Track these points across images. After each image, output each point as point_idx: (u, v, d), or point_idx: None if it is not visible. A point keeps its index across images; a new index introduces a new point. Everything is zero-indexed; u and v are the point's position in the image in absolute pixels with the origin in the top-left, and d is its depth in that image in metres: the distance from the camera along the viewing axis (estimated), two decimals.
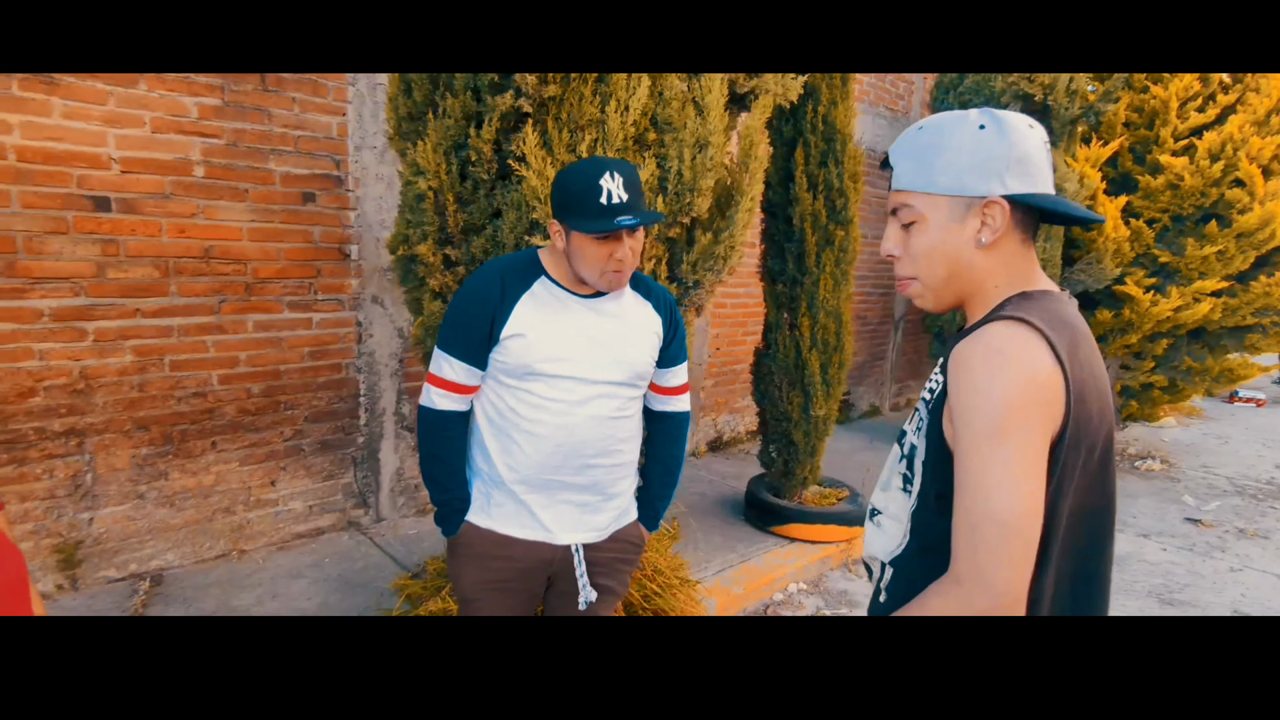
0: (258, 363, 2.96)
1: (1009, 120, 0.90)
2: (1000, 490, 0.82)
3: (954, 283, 0.96)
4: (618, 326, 1.49)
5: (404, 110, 1.99)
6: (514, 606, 1.57)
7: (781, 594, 3.26)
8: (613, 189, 1.34)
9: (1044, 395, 0.83)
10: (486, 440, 1.51)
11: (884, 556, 1.05)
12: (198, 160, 2.69)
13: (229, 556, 3.02)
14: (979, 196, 0.90)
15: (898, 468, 1.05)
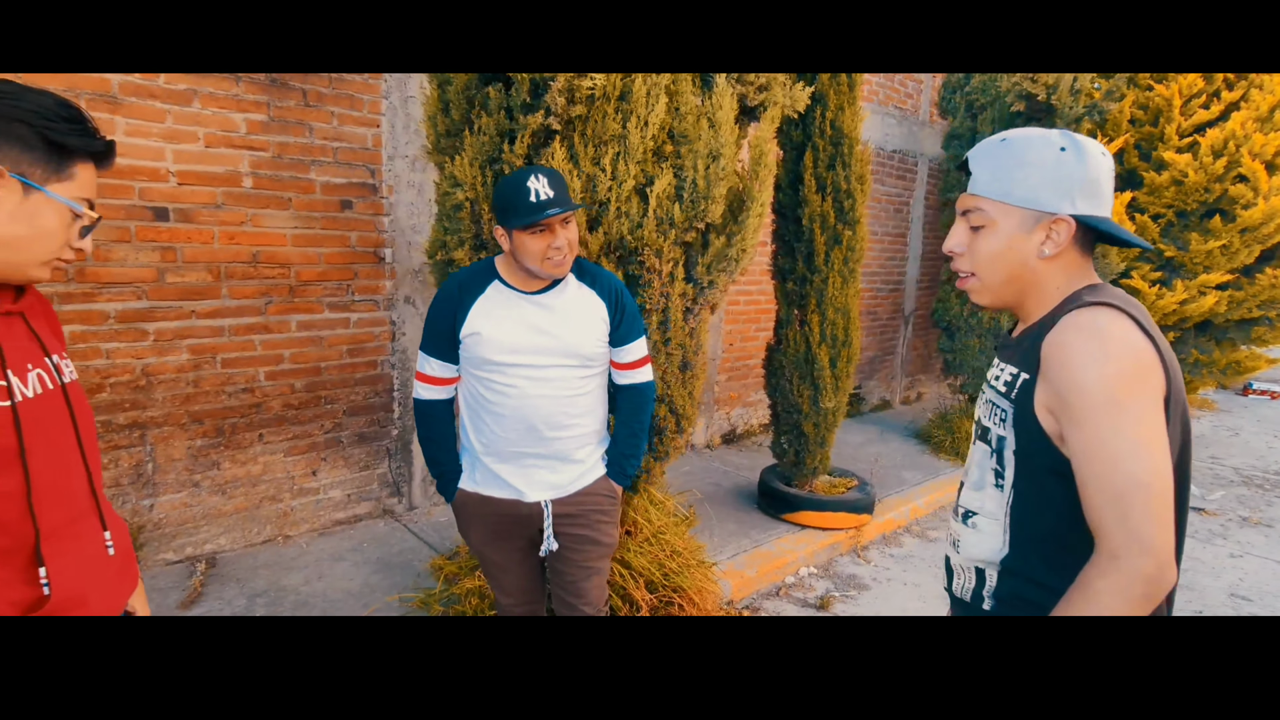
0: (300, 360, 3.17)
1: (1087, 146, 0.97)
2: (1134, 456, 0.85)
3: (1013, 285, 1.04)
4: (562, 317, 1.70)
5: (442, 127, 2.18)
6: (513, 551, 1.85)
7: (793, 577, 3.43)
8: (539, 188, 1.55)
9: (1148, 365, 0.89)
10: (466, 421, 1.81)
11: (990, 559, 1.07)
12: (246, 172, 2.90)
13: (275, 541, 3.24)
14: (1049, 213, 0.98)
15: (989, 464, 1.06)
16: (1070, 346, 0.91)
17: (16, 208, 0.92)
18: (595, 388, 1.80)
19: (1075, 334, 0.92)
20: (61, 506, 1.00)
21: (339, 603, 2.76)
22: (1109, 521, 0.87)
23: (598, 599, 1.93)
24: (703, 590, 2.64)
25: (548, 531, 1.79)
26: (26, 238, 0.94)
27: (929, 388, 7.35)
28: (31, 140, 0.92)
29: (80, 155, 0.97)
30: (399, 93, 3.28)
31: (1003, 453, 1.03)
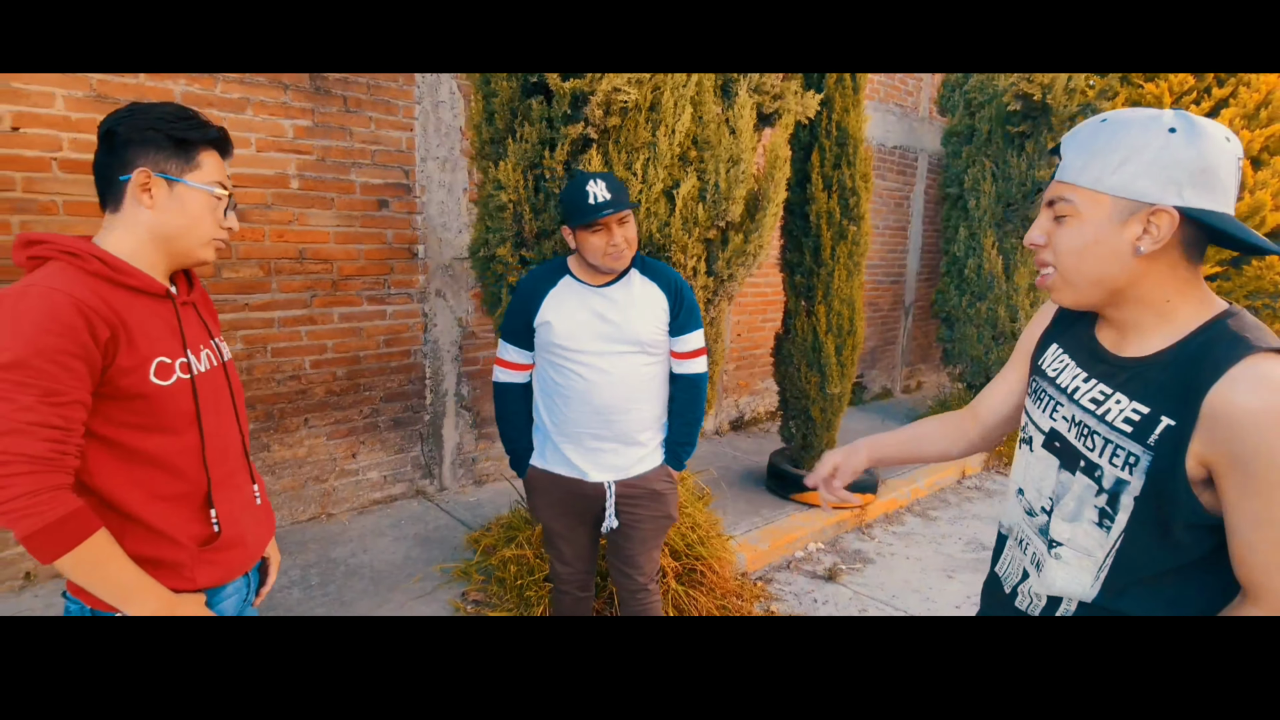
0: (342, 350, 3.39)
1: (1205, 127, 0.83)
2: None
3: (1101, 287, 0.91)
4: (626, 307, 1.86)
5: (486, 135, 2.39)
6: (576, 526, 2.05)
7: (802, 551, 3.66)
8: (596, 191, 1.74)
9: None
10: (539, 403, 2.00)
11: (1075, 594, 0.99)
12: (293, 174, 3.11)
13: (319, 519, 3.46)
14: (1148, 203, 0.84)
15: (1092, 500, 0.95)
16: (1260, 410, 0.79)
17: (167, 201, 1.13)
18: (656, 375, 1.95)
19: (1262, 394, 0.80)
20: (225, 461, 1.23)
21: (385, 573, 2.99)
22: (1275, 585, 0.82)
23: (650, 570, 2.11)
24: (721, 559, 2.87)
25: (610, 510, 1.96)
26: (184, 225, 1.15)
27: (929, 377, 7.58)
28: (162, 142, 1.12)
29: (201, 145, 1.16)
30: (430, 98, 3.49)
31: (1118, 495, 0.92)
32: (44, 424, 0.96)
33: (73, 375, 0.99)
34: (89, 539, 1.00)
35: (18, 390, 0.95)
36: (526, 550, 2.72)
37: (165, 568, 1.13)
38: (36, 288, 1.00)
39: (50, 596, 2.69)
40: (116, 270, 1.08)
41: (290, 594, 2.79)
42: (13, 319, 0.97)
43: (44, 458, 0.96)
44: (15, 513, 0.95)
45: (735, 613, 2.83)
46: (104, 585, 1.04)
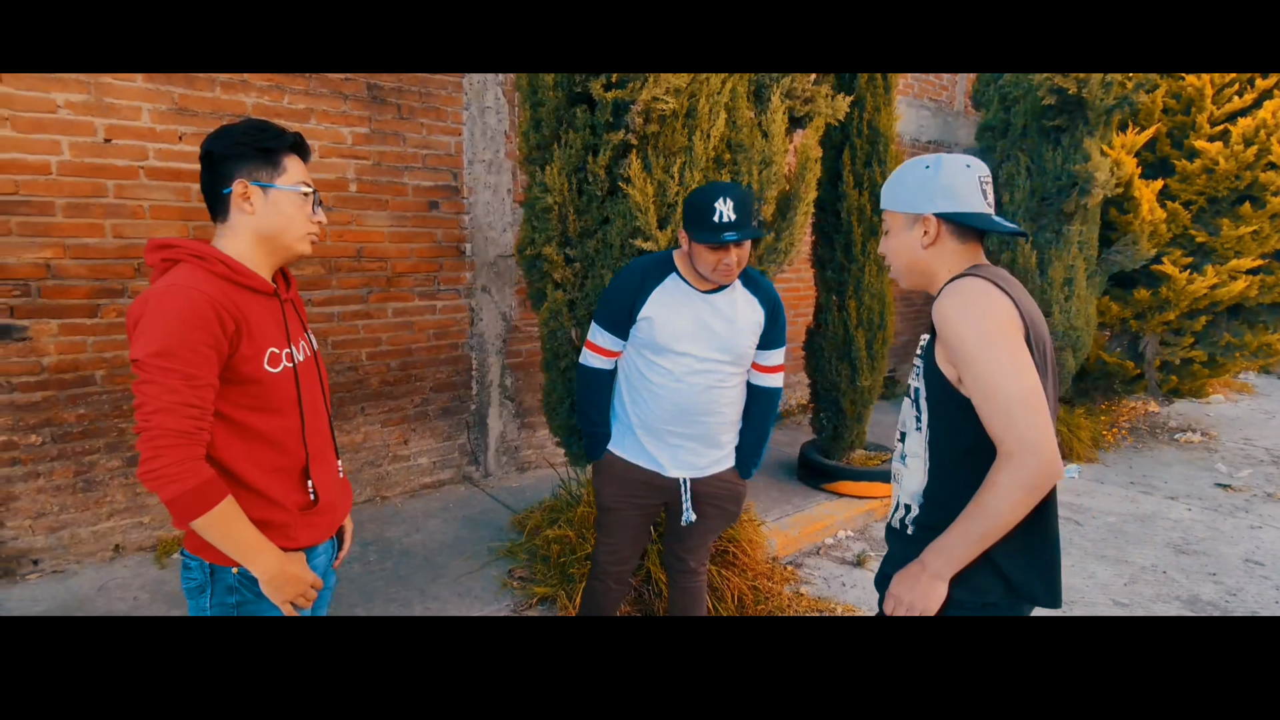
0: (395, 343, 3.61)
1: (946, 163, 1.28)
2: (1010, 377, 1.11)
3: (913, 272, 1.34)
4: (727, 317, 1.89)
5: (534, 141, 2.55)
6: (636, 518, 2.12)
7: (832, 539, 3.78)
8: (724, 210, 1.73)
9: (1004, 310, 1.16)
10: (624, 393, 2.04)
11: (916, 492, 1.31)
12: (352, 178, 3.33)
13: (374, 501, 3.70)
14: (918, 213, 1.30)
15: (911, 412, 1.33)
16: (946, 307, 1.19)
17: (264, 206, 1.30)
18: (739, 384, 2.00)
19: (948, 297, 1.20)
20: (317, 439, 1.42)
21: (437, 551, 3.20)
22: (1000, 431, 1.12)
23: (704, 557, 2.24)
24: (753, 542, 3.01)
25: (686, 503, 2.02)
26: (281, 225, 1.32)
27: None
28: (250, 154, 1.28)
29: (283, 151, 1.31)
30: (477, 104, 3.68)
31: (919, 401, 1.31)
32: (186, 403, 1.15)
33: (207, 362, 1.17)
34: (221, 503, 1.18)
35: (165, 375, 1.14)
36: (568, 530, 2.90)
37: (274, 529, 1.32)
38: (178, 287, 1.18)
39: (137, 567, 2.96)
40: (236, 271, 1.26)
41: (352, 568, 3.01)
42: (162, 314, 1.16)
43: (186, 432, 1.15)
44: (164, 478, 1.13)
45: (765, 593, 2.96)
46: (231, 543, 1.22)
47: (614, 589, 2.24)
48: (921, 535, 1.29)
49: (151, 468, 1.13)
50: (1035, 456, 1.09)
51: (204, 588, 1.32)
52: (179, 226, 2.93)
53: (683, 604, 2.29)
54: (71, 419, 2.84)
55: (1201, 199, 5.40)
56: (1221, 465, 5.30)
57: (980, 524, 1.16)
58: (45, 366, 2.76)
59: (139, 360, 1.15)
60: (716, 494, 2.08)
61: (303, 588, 1.31)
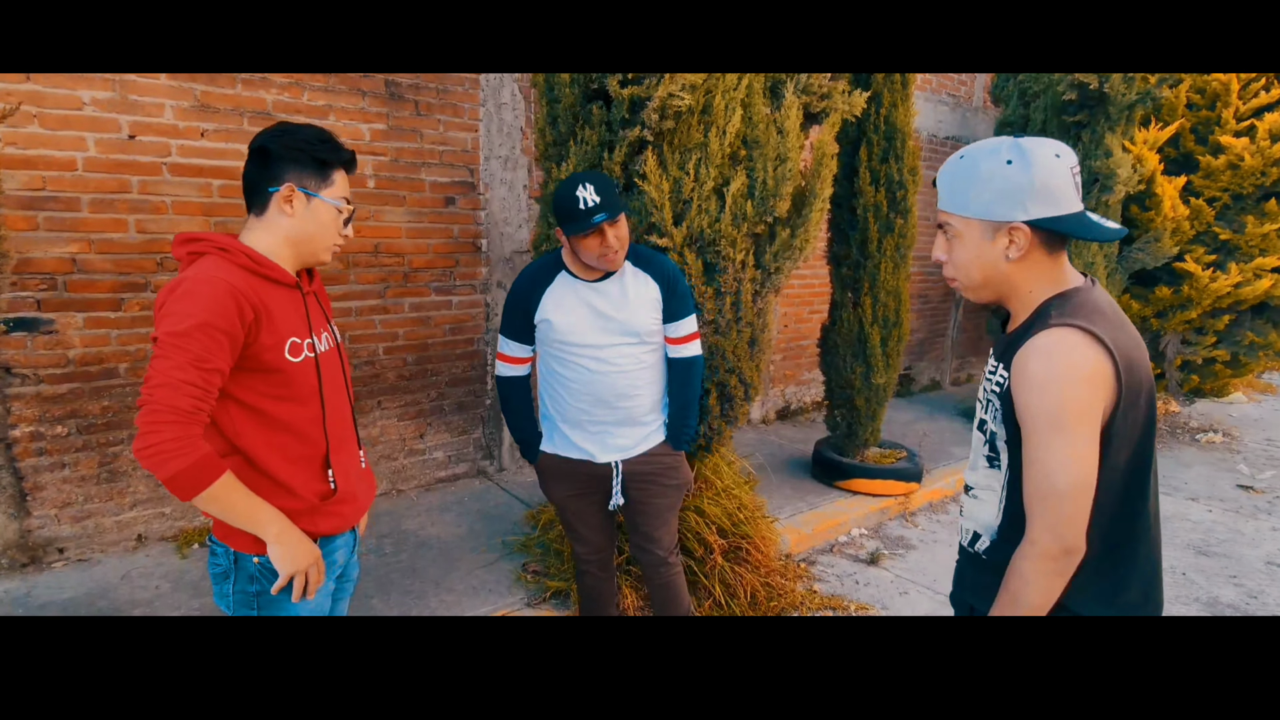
0: (412, 337, 3.64)
1: (1034, 154, 1.05)
2: (1061, 471, 1.03)
3: (989, 286, 1.16)
4: (620, 300, 1.91)
5: (550, 138, 2.57)
6: (588, 508, 2.15)
7: (845, 536, 3.77)
8: (586, 196, 1.73)
9: (1094, 385, 1.03)
10: (544, 392, 2.09)
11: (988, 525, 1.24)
12: (370, 174, 3.36)
13: (390, 494, 3.74)
14: (1004, 221, 1.09)
15: (982, 450, 1.23)
16: (1026, 368, 1.06)
17: (304, 211, 1.33)
18: (654, 361, 2.03)
19: (1031, 356, 1.06)
20: (339, 429, 1.44)
21: (451, 544, 3.23)
22: (1032, 514, 1.08)
23: (668, 543, 2.22)
24: (766, 539, 3.01)
25: (616, 489, 2.06)
26: (315, 233, 1.36)
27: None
28: (306, 161, 1.32)
29: (335, 165, 1.36)
30: (493, 100, 3.70)
31: (994, 442, 1.20)
32: (190, 382, 1.17)
33: (220, 348, 1.20)
34: (220, 478, 1.20)
35: (177, 353, 1.17)
36: None
37: (294, 518, 1.34)
38: (203, 275, 1.22)
39: (160, 557, 3.01)
40: (259, 264, 1.30)
41: (368, 560, 3.05)
42: (185, 298, 1.19)
43: (185, 410, 1.16)
44: (161, 454, 1.14)
45: (778, 590, 2.97)
46: (234, 514, 1.25)
47: (601, 577, 2.28)
48: (992, 570, 1.23)
49: (148, 443, 1.14)
50: (1058, 548, 1.06)
51: (227, 574, 1.36)
52: (201, 222, 2.97)
53: (660, 599, 2.27)
54: (96, 410, 2.89)
55: (1226, 196, 5.31)
56: (1244, 466, 5.22)
57: (1014, 609, 1.12)
58: (71, 359, 2.82)
59: (159, 338, 1.18)
60: (652, 471, 2.09)
61: (310, 564, 1.33)
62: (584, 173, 1.81)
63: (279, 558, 1.30)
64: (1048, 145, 1.07)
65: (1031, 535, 1.08)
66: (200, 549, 3.08)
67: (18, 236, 2.66)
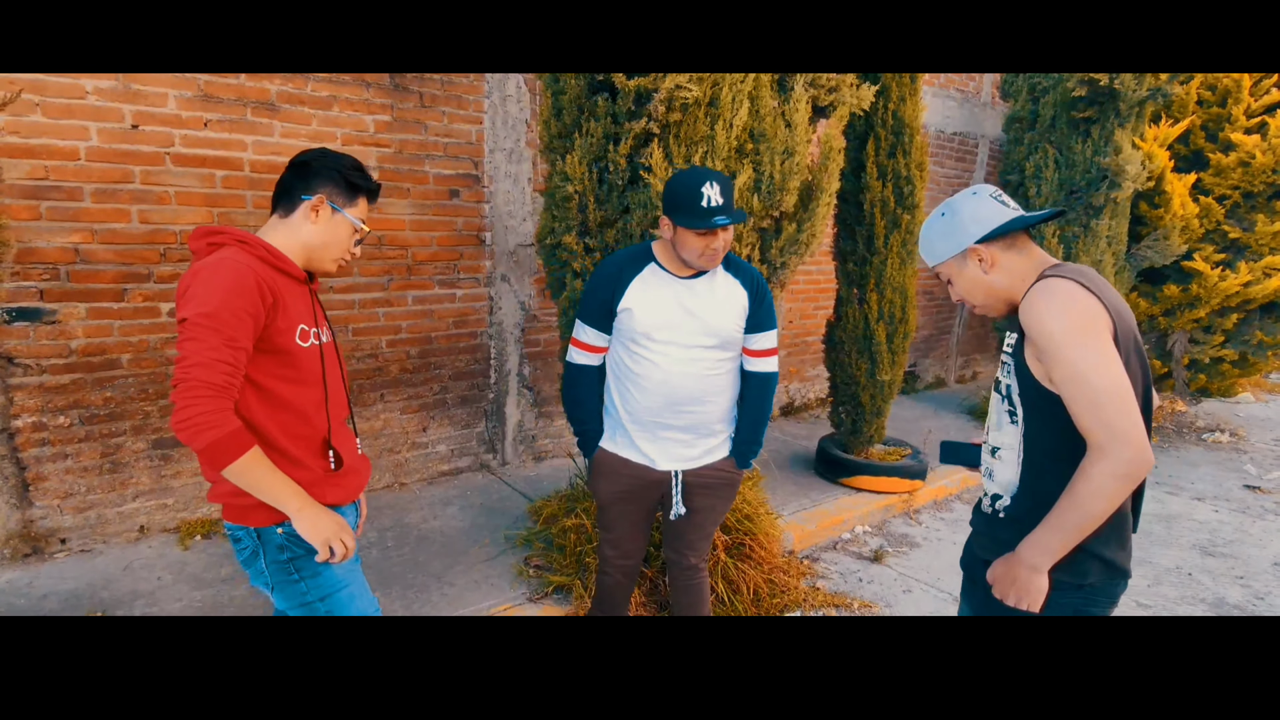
0: (415, 331, 3.63)
1: (956, 203, 1.40)
2: (1099, 371, 1.15)
3: (993, 296, 1.40)
4: (709, 301, 1.88)
5: (554, 130, 2.54)
6: (634, 512, 2.10)
7: (849, 534, 3.75)
8: (712, 195, 1.73)
9: (1094, 311, 1.20)
10: (612, 388, 2.03)
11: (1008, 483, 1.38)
12: (374, 166, 3.34)
13: (392, 488, 3.73)
14: (962, 250, 1.38)
15: (1002, 408, 1.39)
16: (1034, 306, 1.24)
17: (326, 223, 1.43)
18: (729, 370, 1.97)
19: (1035, 297, 1.25)
20: (338, 413, 1.49)
21: (454, 538, 3.23)
22: (1091, 424, 1.16)
23: (703, 552, 2.19)
24: (769, 535, 3.00)
25: (676, 498, 2.00)
26: (330, 243, 1.45)
27: (984, 367, 7.47)
28: (339, 181, 1.43)
29: (362, 191, 1.48)
30: (499, 93, 3.67)
31: (1011, 397, 1.36)
32: (223, 361, 1.23)
33: (245, 328, 1.27)
34: (250, 450, 1.26)
35: (209, 334, 1.23)
36: (585, 520, 2.90)
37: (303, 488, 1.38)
38: (226, 261, 1.28)
39: (162, 548, 3.01)
40: (275, 257, 1.38)
41: (369, 554, 3.05)
42: (211, 282, 1.25)
43: (220, 385, 1.23)
44: (197, 426, 1.20)
45: (781, 587, 2.95)
46: (262, 485, 1.29)
47: (623, 583, 2.23)
48: (1009, 524, 1.36)
49: (185, 416, 1.20)
50: (1128, 446, 1.13)
51: (256, 552, 1.41)
52: (204, 213, 2.96)
53: (685, 603, 2.24)
54: (99, 401, 2.89)
55: (1236, 194, 5.26)
56: (1251, 466, 5.18)
57: (1075, 516, 1.19)
58: (73, 349, 2.81)
59: (186, 319, 1.24)
60: (710, 484, 2.04)
61: (338, 529, 1.38)
62: (709, 170, 1.81)
63: (305, 529, 1.35)
64: (963, 193, 1.40)
65: (1097, 442, 1.14)
66: (202, 541, 3.08)
67: (20, 226, 2.65)
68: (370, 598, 1.54)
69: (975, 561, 1.48)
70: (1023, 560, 1.27)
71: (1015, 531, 1.33)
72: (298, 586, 1.42)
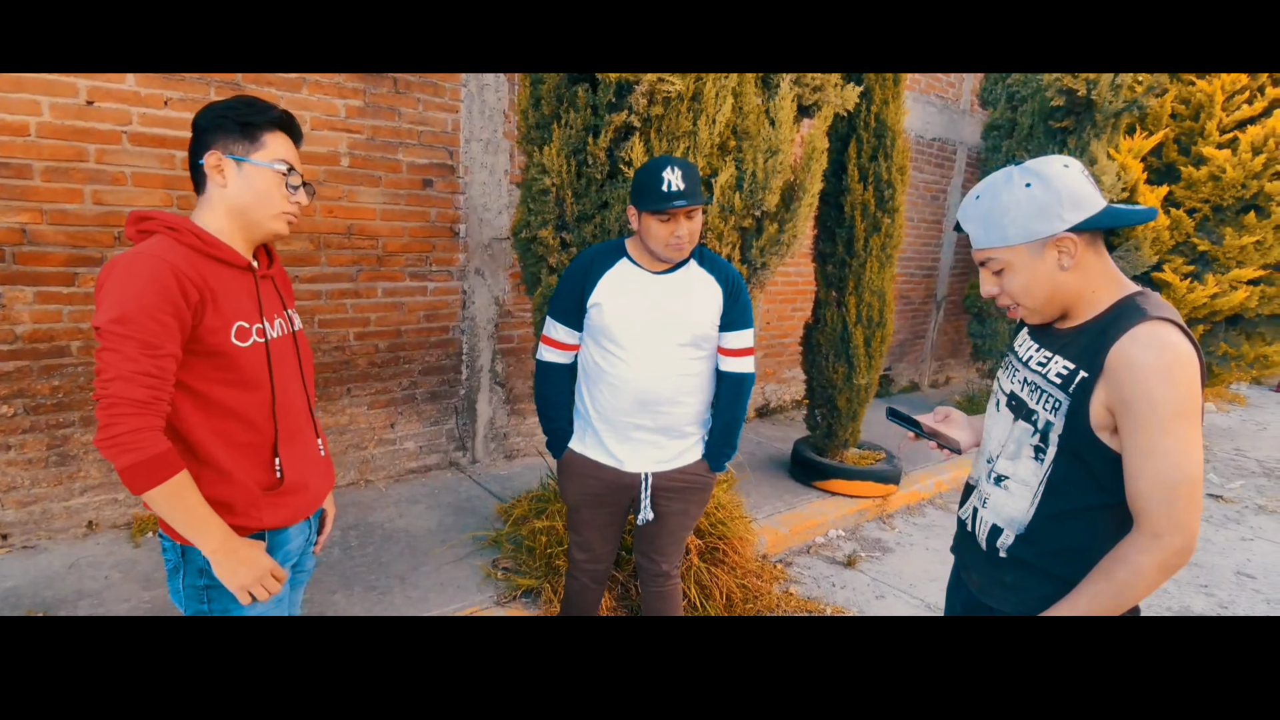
0: (384, 323, 3.52)
1: (1047, 171, 1.11)
2: (1189, 459, 1.03)
3: (1055, 301, 1.17)
4: (682, 297, 1.82)
5: (533, 120, 2.47)
6: (604, 516, 2.03)
7: (823, 537, 3.73)
8: (673, 180, 1.70)
9: (1198, 379, 1.05)
10: (582, 387, 1.97)
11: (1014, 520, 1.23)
12: (344, 152, 3.23)
13: (358, 484, 3.62)
14: (1049, 236, 1.12)
15: (1028, 440, 1.20)
16: (1144, 363, 1.05)
17: (237, 179, 1.26)
18: (703, 370, 1.90)
19: (1146, 351, 1.05)
20: (291, 417, 1.35)
21: (420, 538, 3.13)
22: (1157, 508, 1.05)
23: (676, 558, 2.11)
24: (743, 539, 2.95)
25: (645, 501, 1.93)
26: (253, 202, 1.28)
27: (958, 372, 7.54)
28: (231, 127, 1.25)
29: (264, 127, 1.27)
30: (476, 81, 3.58)
31: (1048, 434, 1.17)
32: (144, 373, 1.11)
33: (167, 331, 1.13)
34: (174, 477, 1.14)
35: (124, 342, 1.10)
36: (556, 522, 2.83)
37: (234, 509, 1.27)
38: (142, 256, 1.14)
39: (111, 545, 2.88)
40: (207, 244, 1.22)
41: (332, 553, 2.94)
42: (123, 281, 1.12)
43: (144, 401, 1.11)
44: (119, 447, 1.09)
45: (754, 592, 2.91)
46: (180, 517, 1.17)
47: (592, 587, 2.16)
48: (1015, 566, 1.24)
49: (108, 435, 1.10)
50: (1184, 538, 1.05)
51: (177, 568, 1.30)
52: (161, 195, 2.83)
53: (654, 608, 2.17)
54: (45, 390, 2.75)
55: (1206, 207, 5.36)
56: (1213, 476, 5.28)
57: (1111, 602, 1.09)
58: (19, 335, 2.66)
59: (99, 327, 1.12)
60: (681, 487, 1.98)
61: (259, 573, 1.24)
62: (673, 157, 1.78)
63: (223, 575, 1.22)
64: (1053, 160, 1.12)
65: (1155, 529, 1.05)
66: (155, 537, 2.95)
67: None
68: None
69: (977, 606, 1.35)
70: None
71: (1020, 575, 1.23)
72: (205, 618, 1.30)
